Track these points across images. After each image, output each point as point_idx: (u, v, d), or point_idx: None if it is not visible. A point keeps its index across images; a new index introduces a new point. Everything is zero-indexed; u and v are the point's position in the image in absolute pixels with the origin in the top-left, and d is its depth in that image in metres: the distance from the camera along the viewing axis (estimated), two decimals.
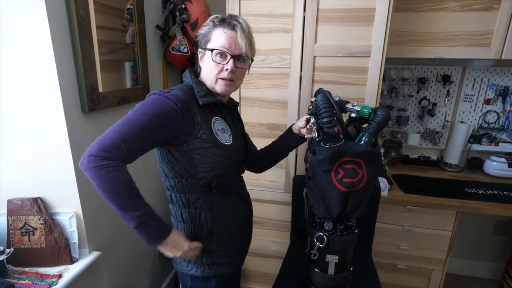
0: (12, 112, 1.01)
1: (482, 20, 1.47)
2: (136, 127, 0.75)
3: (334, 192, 0.92)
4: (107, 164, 0.71)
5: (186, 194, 0.88)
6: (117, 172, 0.72)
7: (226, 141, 0.89)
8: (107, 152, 0.71)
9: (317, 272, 1.06)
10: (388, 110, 0.93)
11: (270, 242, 1.66)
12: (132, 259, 1.50)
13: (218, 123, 0.90)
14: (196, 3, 1.57)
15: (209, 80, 0.88)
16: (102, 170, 0.70)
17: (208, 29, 0.87)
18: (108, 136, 0.72)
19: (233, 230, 0.96)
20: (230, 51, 0.85)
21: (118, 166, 0.72)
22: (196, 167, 0.85)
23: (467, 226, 2.03)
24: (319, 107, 0.93)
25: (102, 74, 1.15)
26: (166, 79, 1.73)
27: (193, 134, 0.82)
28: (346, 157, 0.90)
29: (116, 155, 0.72)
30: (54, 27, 0.95)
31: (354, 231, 1.02)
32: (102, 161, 0.70)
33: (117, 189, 0.73)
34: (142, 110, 0.77)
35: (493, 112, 1.89)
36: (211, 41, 0.86)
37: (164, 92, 0.81)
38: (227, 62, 0.85)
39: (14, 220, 1.06)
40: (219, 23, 0.86)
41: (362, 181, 0.92)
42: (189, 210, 0.90)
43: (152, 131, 0.77)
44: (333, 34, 1.34)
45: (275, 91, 1.46)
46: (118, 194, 0.73)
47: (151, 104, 0.78)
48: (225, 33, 0.85)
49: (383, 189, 1.51)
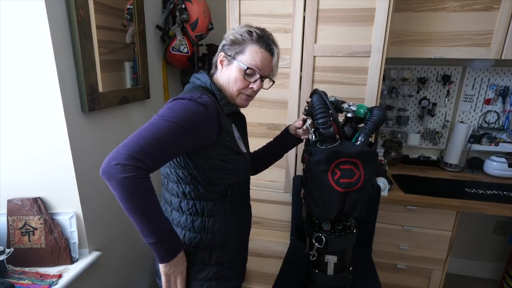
0: (12, 112, 1.01)
1: (482, 20, 1.47)
2: (168, 134, 0.69)
3: (331, 193, 0.92)
4: (136, 176, 0.64)
5: (201, 201, 0.84)
6: (146, 184, 0.66)
7: (243, 149, 0.90)
8: (136, 160, 0.64)
9: (317, 273, 1.06)
10: (384, 109, 0.92)
11: (270, 242, 1.66)
12: (132, 259, 1.50)
13: (236, 131, 0.91)
14: (196, 3, 1.57)
15: (231, 90, 0.88)
16: (132, 182, 0.64)
17: (243, 39, 0.84)
18: (137, 142, 0.66)
19: (243, 240, 0.96)
20: (261, 72, 0.86)
21: (146, 177, 0.66)
22: (217, 173, 0.82)
23: (467, 226, 2.03)
24: (314, 108, 0.93)
25: (102, 74, 1.15)
26: (166, 79, 1.73)
27: (219, 141, 0.80)
28: (342, 157, 0.90)
29: (146, 164, 0.66)
30: (54, 27, 0.95)
31: (352, 231, 1.02)
32: (131, 171, 0.64)
33: (144, 202, 0.67)
34: (174, 116, 0.71)
35: (493, 112, 1.89)
36: (245, 55, 0.84)
37: (194, 97, 0.76)
38: (254, 81, 0.86)
39: (14, 220, 1.06)
40: (256, 39, 0.84)
41: (359, 181, 0.92)
42: (203, 218, 0.85)
43: (184, 138, 0.72)
44: (333, 34, 1.34)
45: (275, 91, 1.45)
46: (143, 208, 0.68)
47: (183, 110, 0.73)
48: (262, 53, 0.85)
49: (383, 189, 1.50)
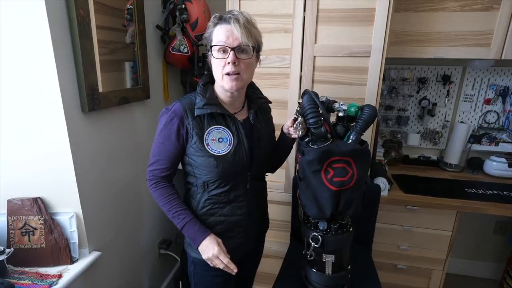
0: (12, 112, 1.01)
1: (482, 20, 1.47)
2: (159, 147, 0.94)
3: (325, 192, 0.93)
4: (153, 185, 0.97)
5: (191, 188, 1.02)
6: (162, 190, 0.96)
7: (218, 152, 0.92)
8: (148, 169, 0.98)
9: (315, 272, 1.06)
10: (374, 107, 0.92)
11: (270, 242, 1.66)
12: (132, 259, 1.50)
13: (216, 132, 0.93)
14: (196, 3, 1.57)
15: (218, 79, 0.91)
16: (152, 189, 0.97)
17: (210, 30, 0.90)
18: (150, 160, 0.97)
19: (209, 225, 1.01)
20: (229, 44, 0.85)
21: (157, 183, 0.96)
22: (195, 169, 0.96)
23: (467, 226, 2.03)
24: (304, 108, 0.93)
25: (102, 74, 1.15)
26: (166, 79, 1.73)
27: (189, 142, 0.93)
28: (334, 156, 0.91)
29: (155, 175, 0.96)
30: (54, 27, 0.95)
31: (349, 230, 1.02)
32: (150, 183, 0.98)
33: (160, 203, 0.97)
34: (157, 138, 0.95)
35: (493, 112, 1.89)
36: (212, 40, 0.89)
37: (169, 107, 0.94)
38: (228, 56, 0.86)
39: (14, 220, 1.06)
40: (217, 21, 0.88)
41: (352, 180, 0.92)
42: (188, 197, 1.04)
43: (169, 149, 0.94)
44: (333, 34, 1.34)
45: (275, 91, 1.46)
46: (162, 207, 0.97)
47: (160, 128, 0.94)
48: (222, 28, 0.86)
49: (383, 189, 1.50)
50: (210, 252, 0.94)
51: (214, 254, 0.94)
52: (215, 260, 0.95)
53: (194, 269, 1.06)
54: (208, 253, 0.95)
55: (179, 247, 1.87)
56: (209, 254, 0.94)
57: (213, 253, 0.94)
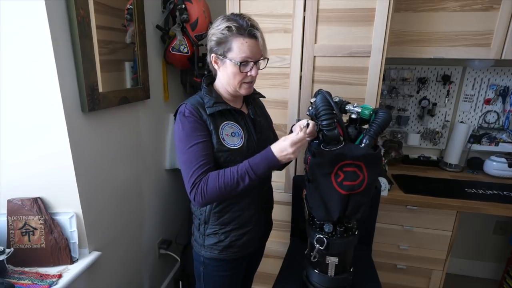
0: (12, 112, 1.01)
1: (482, 20, 1.47)
2: (194, 150, 0.90)
3: (334, 195, 0.92)
4: (198, 191, 0.88)
5: None
6: (209, 183, 0.88)
7: (234, 145, 0.95)
8: (190, 181, 0.89)
9: (317, 274, 1.06)
10: (389, 112, 0.91)
11: (270, 242, 1.64)
12: (132, 259, 1.50)
13: (228, 127, 0.97)
14: (196, 3, 1.57)
15: (232, 85, 0.95)
16: (202, 196, 0.88)
17: (226, 37, 0.88)
18: (183, 174, 0.92)
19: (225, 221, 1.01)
20: (253, 59, 0.91)
21: (201, 180, 0.88)
22: (221, 165, 0.95)
23: (467, 226, 2.03)
24: (318, 109, 0.92)
25: (102, 74, 1.15)
26: (166, 79, 1.73)
27: (211, 137, 0.94)
28: (346, 160, 0.89)
29: (200, 180, 0.88)
30: (54, 27, 0.95)
31: (354, 233, 1.01)
32: (195, 194, 0.88)
33: (223, 186, 0.87)
34: (182, 137, 0.91)
35: (493, 112, 1.89)
36: (233, 51, 0.89)
37: (181, 111, 0.93)
38: (250, 69, 0.92)
39: (14, 220, 1.06)
40: (237, 32, 0.87)
41: (362, 184, 0.91)
42: None
43: (203, 145, 0.91)
44: (333, 34, 1.34)
45: (275, 91, 1.46)
46: (226, 190, 0.87)
47: (184, 129, 0.91)
48: (247, 42, 0.88)
49: (383, 189, 1.51)
50: (289, 149, 0.84)
51: (293, 142, 0.84)
52: (299, 143, 0.85)
53: (204, 269, 1.06)
54: (288, 152, 0.85)
55: (179, 247, 1.87)
56: (288, 149, 0.84)
57: (292, 149, 0.84)
